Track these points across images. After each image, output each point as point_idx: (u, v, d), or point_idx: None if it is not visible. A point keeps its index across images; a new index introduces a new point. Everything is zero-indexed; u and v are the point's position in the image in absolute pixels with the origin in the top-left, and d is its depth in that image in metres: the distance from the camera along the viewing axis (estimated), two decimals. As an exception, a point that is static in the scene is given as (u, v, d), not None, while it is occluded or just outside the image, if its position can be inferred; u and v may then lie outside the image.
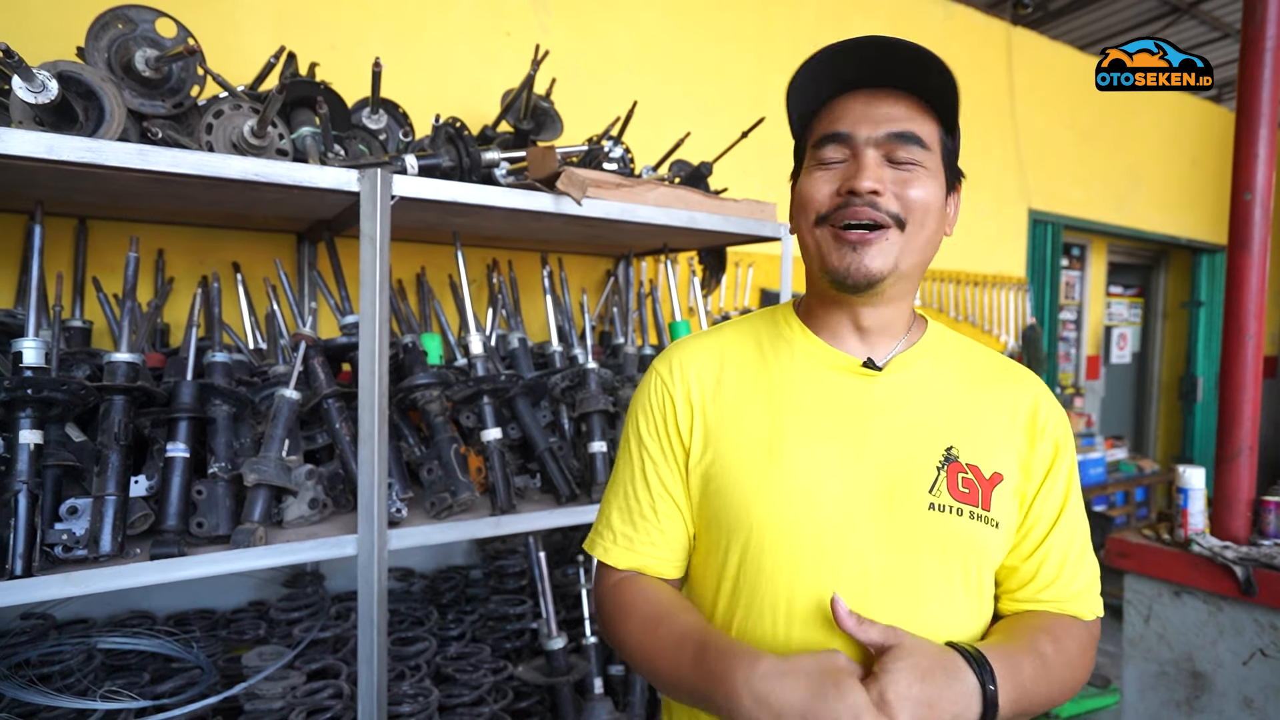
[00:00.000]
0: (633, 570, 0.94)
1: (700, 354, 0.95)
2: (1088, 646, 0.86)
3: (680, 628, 0.83)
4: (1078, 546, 0.88)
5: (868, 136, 0.82)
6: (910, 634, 0.76)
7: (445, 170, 1.64)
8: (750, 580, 0.85)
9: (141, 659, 1.66)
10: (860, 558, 0.82)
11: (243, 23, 2.04)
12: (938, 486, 0.83)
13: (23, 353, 1.25)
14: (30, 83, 1.15)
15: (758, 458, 0.86)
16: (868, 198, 0.80)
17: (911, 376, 0.88)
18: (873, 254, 0.81)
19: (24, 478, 1.19)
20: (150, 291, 1.87)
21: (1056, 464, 0.88)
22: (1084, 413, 4.98)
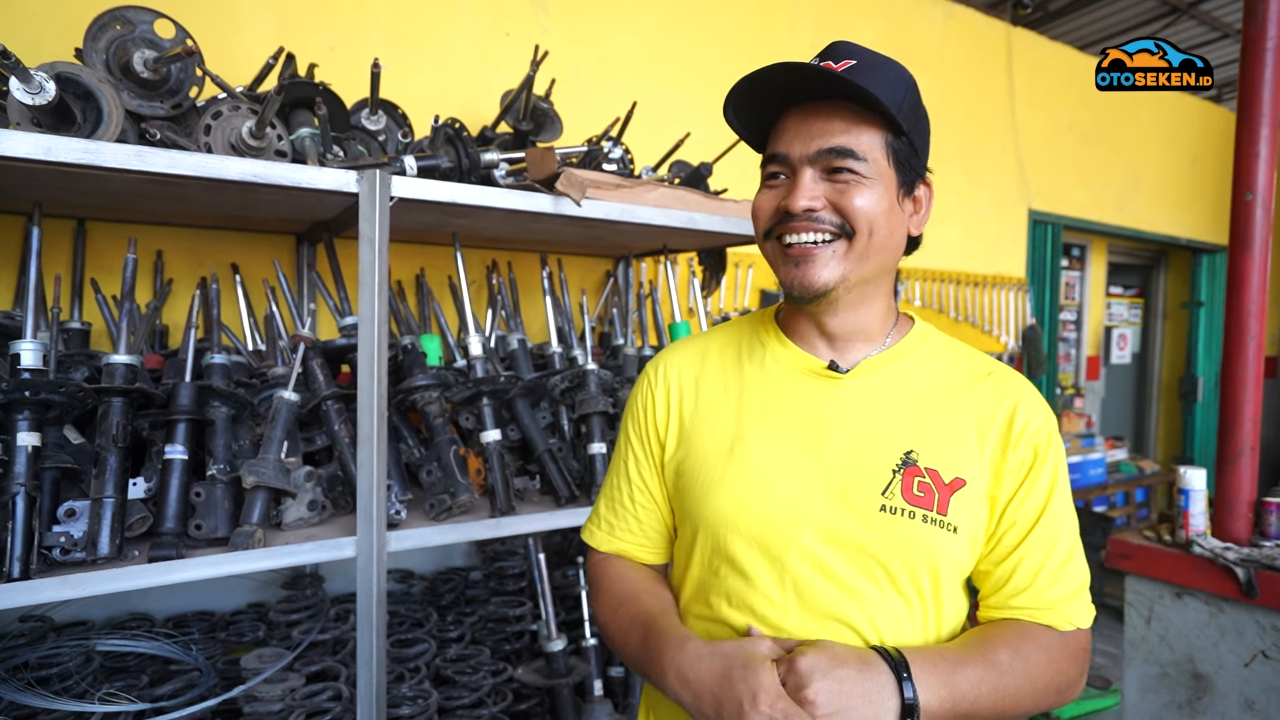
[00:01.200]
0: (614, 553, 1.02)
1: (685, 357, 1.01)
2: (1060, 657, 0.84)
3: (637, 609, 0.91)
4: (1059, 554, 0.86)
5: (801, 155, 0.85)
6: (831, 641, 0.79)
7: (444, 171, 1.63)
8: (710, 570, 0.90)
9: (140, 661, 1.65)
10: (807, 555, 0.84)
11: (242, 24, 2.04)
12: (891, 489, 0.84)
13: (20, 355, 1.25)
14: (28, 84, 1.14)
15: (720, 455, 0.91)
16: (803, 215, 0.83)
17: (879, 380, 0.90)
18: (817, 267, 0.84)
19: (22, 480, 1.19)
20: (149, 293, 1.86)
21: (1035, 469, 0.86)
22: (1084, 413, 4.98)
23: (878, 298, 0.91)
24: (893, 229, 0.86)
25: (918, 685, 0.74)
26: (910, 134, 0.86)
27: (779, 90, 0.86)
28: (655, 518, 1.00)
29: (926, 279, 3.69)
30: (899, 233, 0.88)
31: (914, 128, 0.87)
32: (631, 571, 0.99)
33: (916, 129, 0.88)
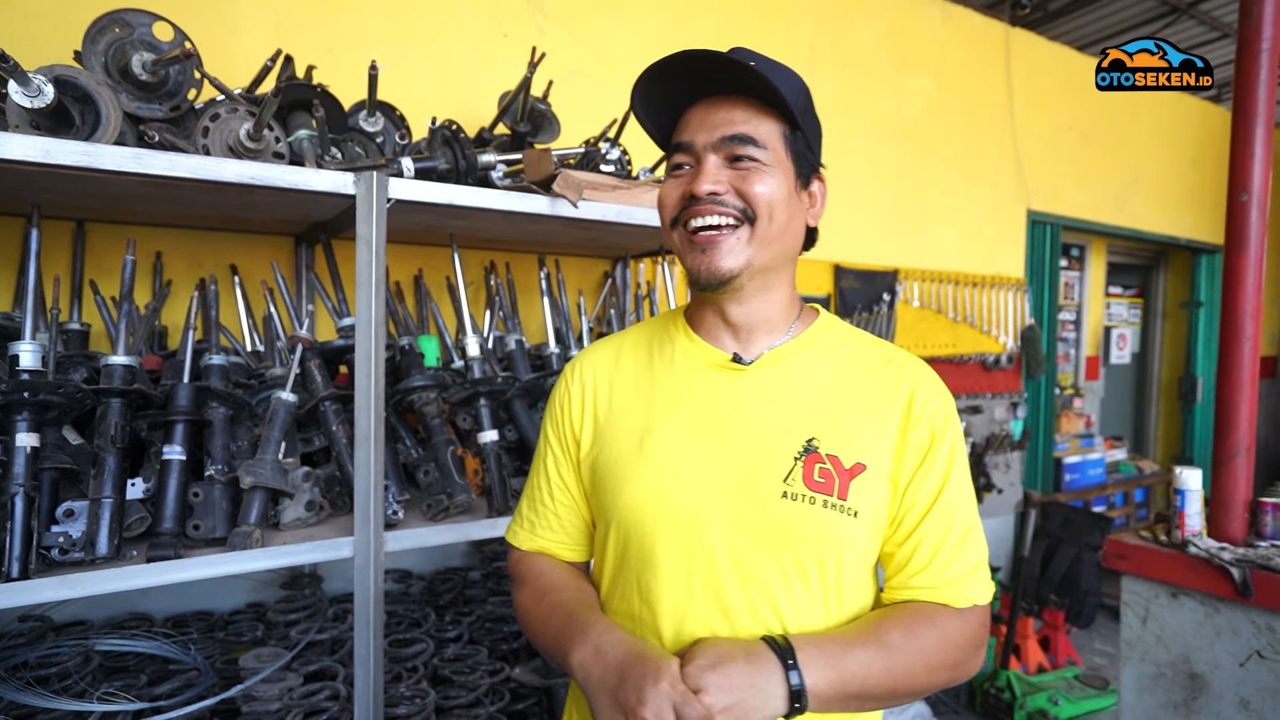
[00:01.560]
0: (536, 551, 1.05)
1: (600, 357, 1.03)
2: (955, 635, 0.86)
3: (557, 600, 0.94)
4: (956, 533, 0.88)
5: (705, 141, 0.88)
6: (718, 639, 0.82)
7: (441, 173, 1.64)
8: (623, 563, 0.93)
9: (140, 661, 1.66)
10: (713, 545, 0.87)
11: (241, 25, 2.05)
12: (792, 476, 0.87)
13: (19, 356, 1.25)
14: (26, 87, 1.15)
15: (630, 450, 0.93)
16: (708, 199, 0.86)
17: (782, 370, 0.93)
18: (723, 253, 0.87)
19: (21, 480, 1.20)
20: (148, 294, 1.87)
21: (933, 451, 0.89)
22: (1083, 413, 4.98)
23: (780, 287, 0.94)
24: (791, 215, 0.90)
25: (804, 671, 0.77)
26: (805, 130, 0.91)
27: (685, 84, 0.90)
28: (575, 515, 1.02)
29: (924, 279, 3.69)
30: (797, 221, 0.92)
31: (808, 126, 0.92)
32: (554, 567, 1.02)
33: (810, 127, 0.93)
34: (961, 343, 3.89)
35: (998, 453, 4.02)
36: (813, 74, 3.23)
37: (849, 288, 3.39)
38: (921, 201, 3.68)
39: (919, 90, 3.64)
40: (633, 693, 0.74)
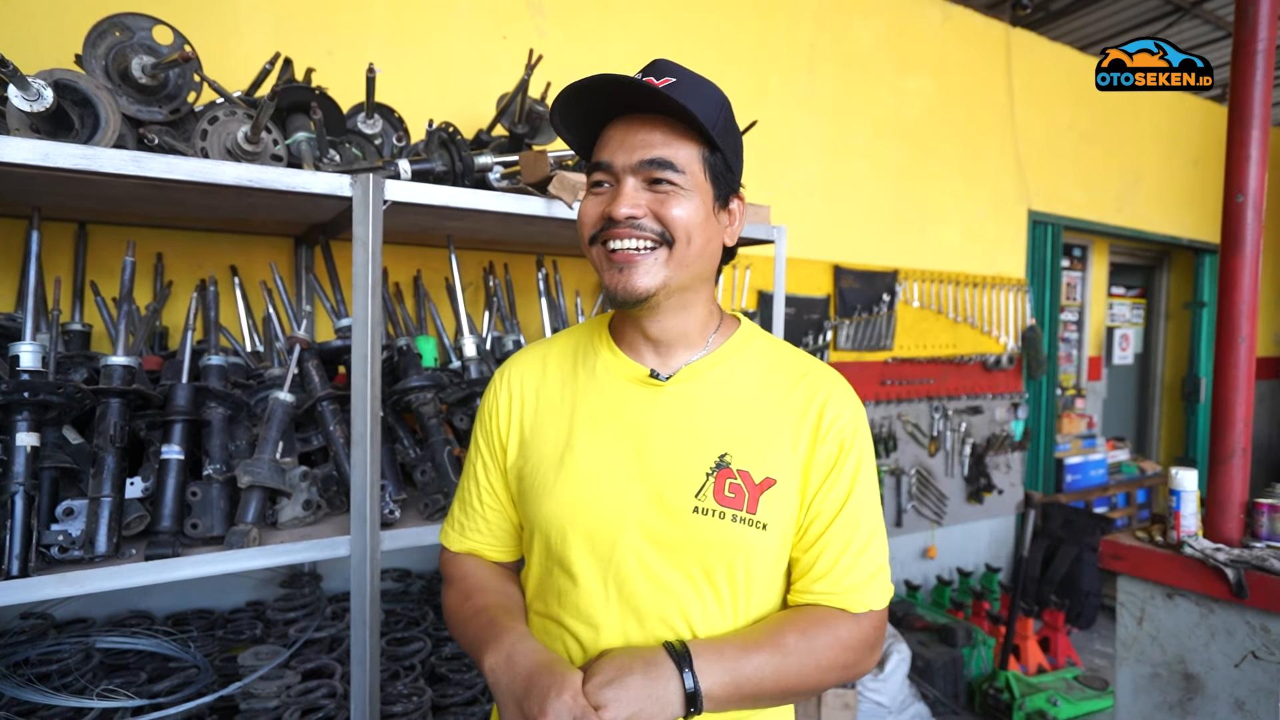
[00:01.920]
0: (466, 552, 1.07)
1: (527, 365, 1.04)
2: (849, 638, 0.90)
3: (485, 602, 0.96)
4: (858, 542, 0.91)
5: (624, 164, 0.88)
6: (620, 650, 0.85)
7: (438, 175, 1.65)
8: (546, 571, 0.95)
9: (140, 658, 1.67)
10: (627, 557, 0.89)
11: (241, 28, 2.06)
12: (703, 492, 0.89)
13: (20, 356, 1.27)
14: (26, 91, 1.17)
15: (553, 462, 0.95)
16: (625, 222, 0.87)
17: (698, 386, 0.95)
18: (640, 273, 0.88)
19: (21, 479, 1.21)
20: (150, 295, 1.88)
21: (840, 463, 0.92)
22: (1085, 414, 4.97)
23: (698, 304, 0.96)
24: (709, 238, 0.91)
25: (700, 674, 0.80)
26: (724, 150, 0.91)
27: (604, 102, 0.90)
28: (502, 518, 1.04)
29: (924, 280, 3.70)
30: (715, 242, 0.94)
31: (727, 145, 0.92)
32: (482, 569, 1.04)
33: (730, 146, 0.93)
34: (962, 343, 3.89)
35: (998, 453, 4.02)
36: (812, 74, 3.24)
37: (848, 288, 3.39)
38: (922, 202, 3.68)
39: (919, 90, 3.64)
40: (536, 703, 0.76)
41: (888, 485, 3.62)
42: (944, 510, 3.83)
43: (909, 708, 2.75)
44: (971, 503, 3.96)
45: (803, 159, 3.25)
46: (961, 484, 3.93)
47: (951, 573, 3.86)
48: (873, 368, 3.55)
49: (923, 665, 2.97)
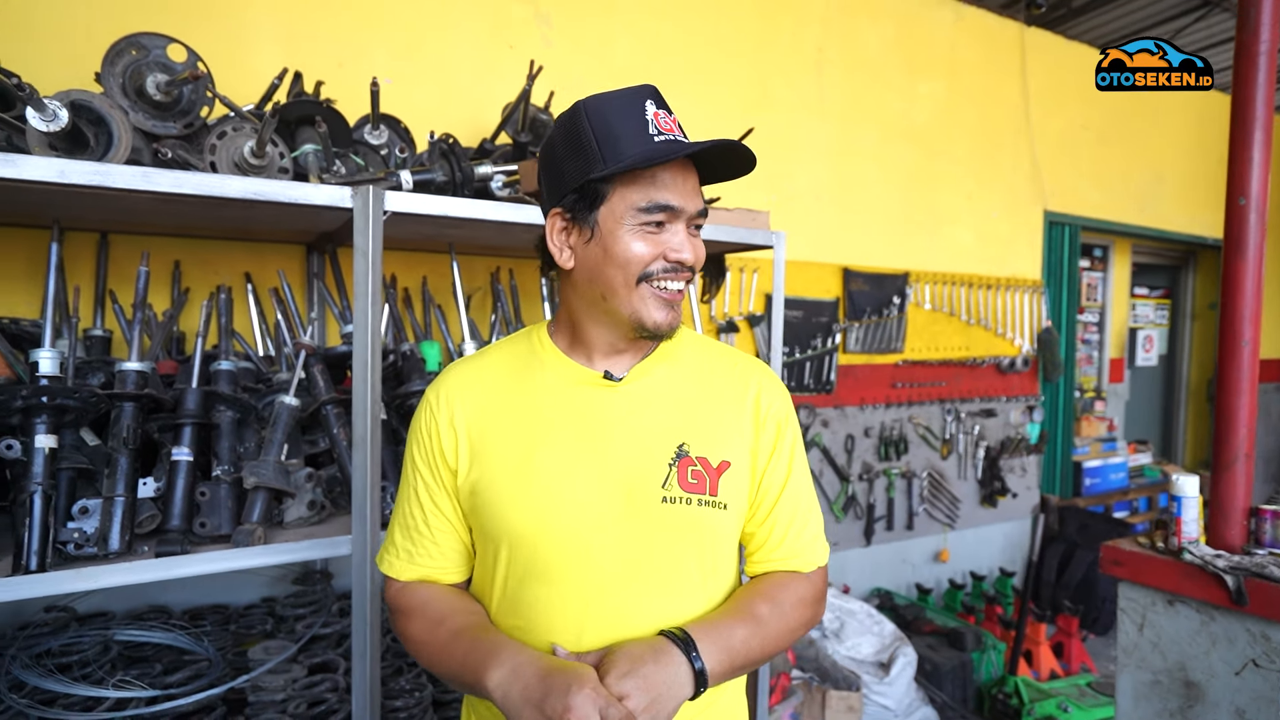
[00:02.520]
0: (417, 580, 1.03)
1: (464, 380, 1.03)
2: (807, 595, 1.02)
3: (457, 625, 0.95)
4: (802, 510, 1.04)
5: (688, 210, 0.92)
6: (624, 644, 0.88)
7: (439, 185, 1.70)
8: (517, 581, 0.96)
9: (157, 651, 1.74)
10: (606, 554, 0.93)
11: (253, 43, 2.13)
12: (669, 481, 0.94)
13: (39, 362, 1.33)
14: (42, 112, 1.23)
15: (514, 469, 0.95)
16: (688, 267, 0.93)
17: (648, 384, 1.00)
18: (679, 309, 0.96)
19: (39, 479, 1.28)
20: (169, 302, 1.96)
21: (779, 442, 1.02)
22: (1105, 417, 4.90)
23: None
24: None
25: (704, 656, 0.87)
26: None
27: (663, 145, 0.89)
28: (453, 539, 1.02)
29: (936, 282, 3.68)
30: None
31: None
32: (441, 593, 1.02)
33: None
34: (975, 345, 3.86)
35: (1013, 456, 3.99)
36: (820, 78, 3.25)
37: (858, 291, 3.39)
38: (933, 204, 3.66)
39: (929, 93, 3.62)
40: (559, 701, 0.77)
41: (899, 488, 3.61)
42: (956, 513, 3.80)
43: (916, 711, 2.75)
44: (985, 506, 3.94)
45: (810, 162, 3.26)
46: (975, 487, 3.90)
47: (964, 576, 3.84)
48: (883, 370, 3.54)
49: (931, 669, 2.96)
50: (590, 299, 0.96)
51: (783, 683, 2.57)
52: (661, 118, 0.91)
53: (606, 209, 0.91)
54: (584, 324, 0.99)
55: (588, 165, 0.89)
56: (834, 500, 3.42)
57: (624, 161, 0.87)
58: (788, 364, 3.24)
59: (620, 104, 0.91)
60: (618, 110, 0.90)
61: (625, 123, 0.89)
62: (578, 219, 0.93)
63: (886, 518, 3.57)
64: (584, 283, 0.95)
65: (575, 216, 0.93)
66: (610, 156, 0.88)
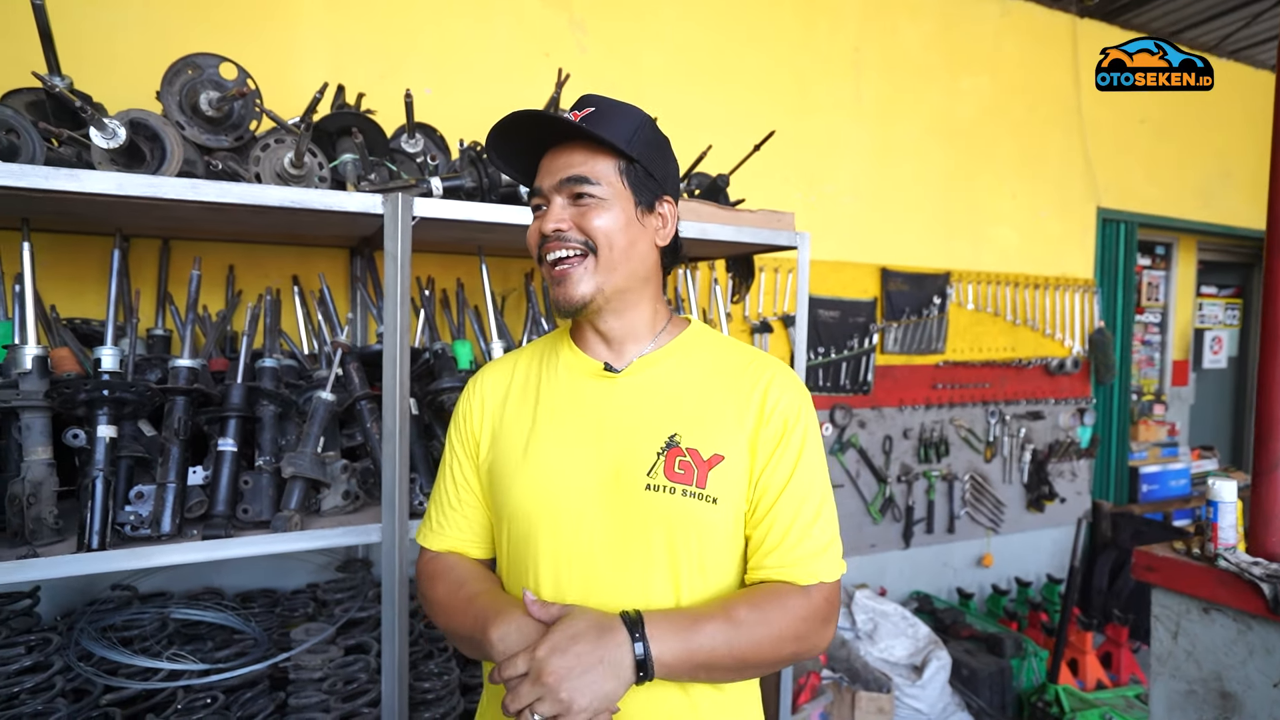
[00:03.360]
0: (445, 551, 1.12)
1: (498, 372, 1.14)
2: (800, 610, 0.94)
3: (471, 591, 1.02)
4: (806, 516, 0.97)
5: (550, 184, 0.99)
6: (581, 608, 0.91)
7: (468, 191, 1.77)
8: (517, 553, 1.03)
9: (209, 629, 1.87)
10: (589, 534, 0.98)
11: (302, 58, 2.26)
12: (655, 469, 0.97)
13: (101, 359, 1.46)
14: (103, 131, 1.35)
15: (519, 452, 1.04)
16: (554, 236, 0.98)
17: (648, 376, 1.04)
18: (573, 283, 0.98)
19: (101, 466, 1.40)
20: (223, 302, 2.09)
21: (784, 441, 0.99)
22: (1166, 421, 4.71)
23: (641, 303, 1.05)
24: (632, 240, 1.00)
25: (653, 642, 0.86)
26: (641, 161, 1.00)
27: (537, 136, 1.02)
28: (479, 515, 1.11)
29: (980, 281, 3.61)
30: (642, 244, 1.02)
31: (646, 157, 1.02)
32: (464, 563, 1.11)
33: (649, 157, 1.02)
34: (1021, 346, 3.77)
35: (1062, 460, 3.88)
36: (858, 77, 3.23)
37: (896, 291, 3.36)
38: (975, 202, 3.60)
39: (972, 89, 3.56)
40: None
41: (939, 490, 3.56)
42: (1001, 518, 3.72)
43: (950, 716, 2.71)
44: (1032, 511, 3.84)
45: (848, 162, 3.25)
46: (1021, 491, 3.81)
47: (1009, 582, 3.76)
48: (923, 371, 3.50)
49: (967, 674, 2.92)
50: None
51: (812, 682, 2.57)
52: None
53: None
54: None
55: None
56: (871, 501, 3.39)
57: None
58: (822, 365, 3.23)
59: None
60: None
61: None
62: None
63: (926, 520, 3.52)
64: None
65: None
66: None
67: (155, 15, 2.10)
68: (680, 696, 0.96)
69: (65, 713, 1.47)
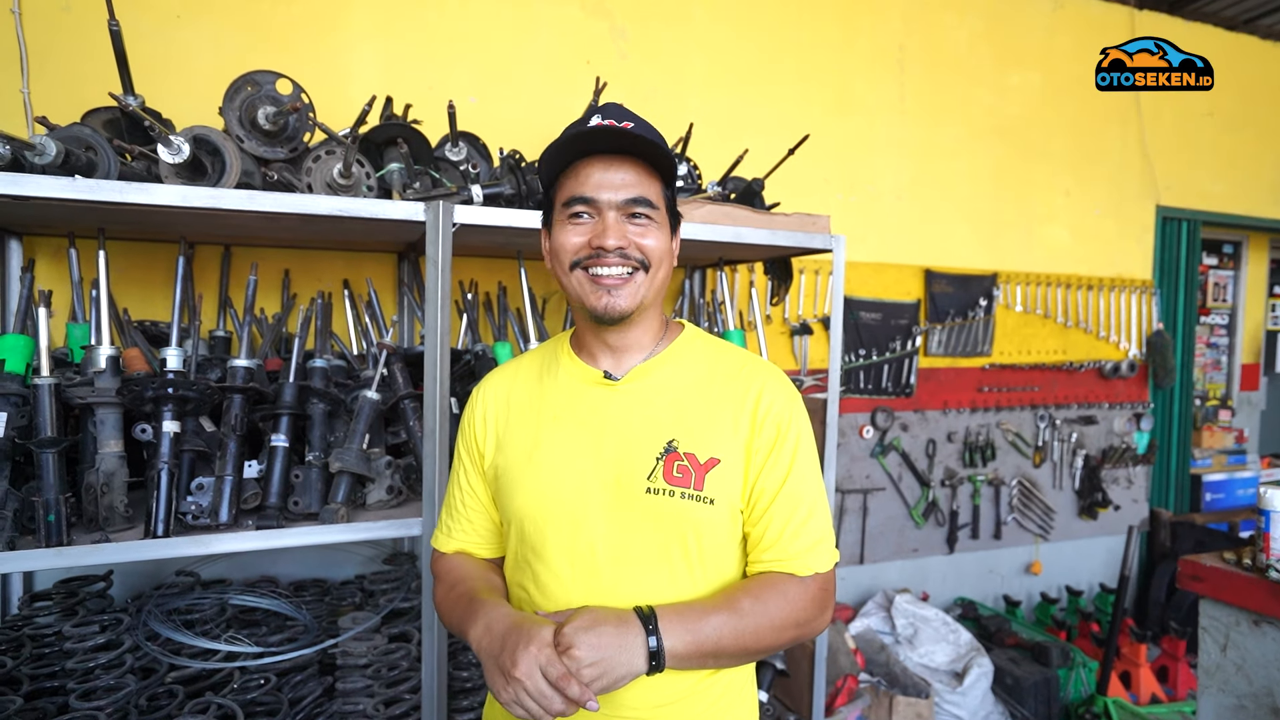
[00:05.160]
0: (455, 552, 1.18)
1: (500, 380, 1.19)
2: (798, 599, 1.00)
3: (464, 589, 1.07)
4: (801, 513, 1.03)
5: (609, 200, 1.00)
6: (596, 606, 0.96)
7: (508, 198, 1.83)
8: (521, 556, 1.09)
9: (265, 615, 1.98)
10: (592, 537, 1.02)
11: (354, 72, 2.36)
12: (654, 474, 1.01)
13: (167, 359, 1.56)
14: (169, 147, 1.45)
15: (524, 458, 1.08)
16: (615, 252, 1.00)
17: (647, 383, 1.07)
18: (623, 295, 1.02)
19: (165, 459, 1.50)
20: (278, 305, 2.21)
21: (779, 443, 1.03)
22: (1232, 427, 4.51)
23: (655, 316, 1.11)
24: (669, 263, 1.08)
25: (664, 634, 0.91)
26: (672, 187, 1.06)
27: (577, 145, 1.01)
28: (484, 518, 1.17)
29: (1029, 282, 3.53)
30: (668, 263, 1.08)
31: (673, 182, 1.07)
32: (467, 562, 1.16)
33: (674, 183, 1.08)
34: (1073, 349, 3.67)
35: (1116, 466, 3.76)
36: (901, 76, 3.20)
37: (941, 293, 3.31)
38: (1024, 201, 3.52)
39: (1021, 85, 3.48)
40: (508, 656, 0.87)
41: (985, 495, 3.49)
42: (1050, 524, 3.63)
43: (994, 726, 2.67)
44: (1084, 518, 3.73)
45: (891, 162, 3.22)
46: (1072, 498, 3.71)
47: (1059, 590, 3.66)
48: (969, 374, 3.44)
49: (1011, 683, 2.86)
50: (563, 293, 1.08)
51: (849, 685, 2.56)
52: (604, 127, 0.99)
53: (554, 212, 1.06)
54: (578, 323, 1.12)
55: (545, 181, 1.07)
56: (913, 506, 3.35)
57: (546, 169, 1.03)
58: (863, 367, 3.21)
59: (575, 125, 1.03)
60: (569, 130, 1.02)
61: (569, 137, 1.00)
62: (545, 226, 1.08)
63: (971, 525, 3.46)
64: (552, 277, 1.08)
65: (545, 223, 1.09)
66: (545, 167, 1.04)
67: (221, 34, 2.23)
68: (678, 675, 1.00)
69: (134, 688, 1.58)
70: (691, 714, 1.03)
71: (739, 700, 1.10)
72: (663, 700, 1.00)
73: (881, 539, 3.29)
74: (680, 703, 1.02)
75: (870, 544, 3.26)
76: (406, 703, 1.71)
